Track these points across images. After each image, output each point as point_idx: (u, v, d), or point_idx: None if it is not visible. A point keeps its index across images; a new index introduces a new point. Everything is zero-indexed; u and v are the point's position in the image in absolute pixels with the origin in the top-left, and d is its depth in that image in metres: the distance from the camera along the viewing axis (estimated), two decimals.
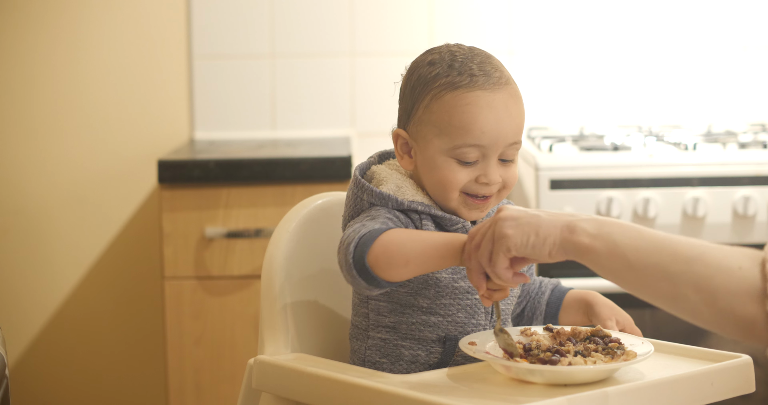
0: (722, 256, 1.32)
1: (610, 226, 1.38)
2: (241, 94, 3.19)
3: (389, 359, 1.59)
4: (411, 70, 1.63)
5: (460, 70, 1.57)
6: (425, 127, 1.58)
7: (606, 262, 1.37)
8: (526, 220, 1.40)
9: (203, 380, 2.69)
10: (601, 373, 1.44)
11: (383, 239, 1.47)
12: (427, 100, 1.58)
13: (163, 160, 2.67)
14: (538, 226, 1.40)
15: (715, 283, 1.30)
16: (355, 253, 1.48)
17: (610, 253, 1.36)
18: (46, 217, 3.15)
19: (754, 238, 2.69)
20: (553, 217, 1.41)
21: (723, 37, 3.26)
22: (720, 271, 1.30)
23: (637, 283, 1.36)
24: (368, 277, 1.48)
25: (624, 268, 1.36)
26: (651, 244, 1.35)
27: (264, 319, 1.68)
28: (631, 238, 1.36)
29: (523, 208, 1.44)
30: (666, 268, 1.33)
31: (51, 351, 3.18)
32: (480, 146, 1.55)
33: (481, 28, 3.21)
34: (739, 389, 1.54)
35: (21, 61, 3.13)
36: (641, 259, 1.34)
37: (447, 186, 1.56)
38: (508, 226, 1.40)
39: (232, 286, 2.68)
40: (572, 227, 1.39)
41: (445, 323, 1.58)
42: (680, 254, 1.33)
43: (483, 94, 1.55)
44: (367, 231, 1.49)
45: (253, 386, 1.61)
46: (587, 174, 2.69)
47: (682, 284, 1.32)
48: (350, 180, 1.63)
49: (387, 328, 1.59)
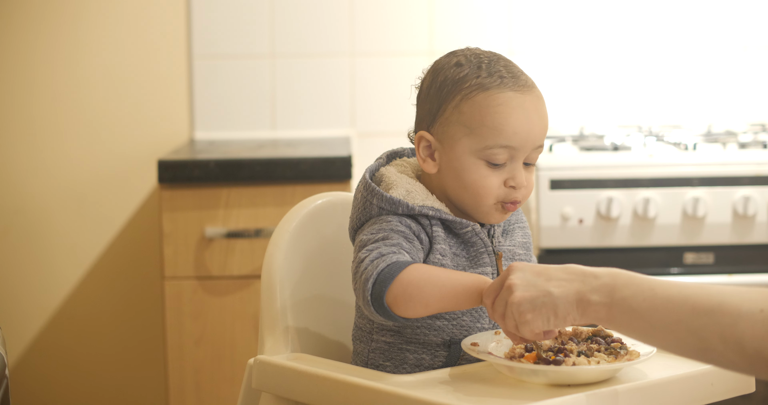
0: (741, 301, 1.30)
1: (622, 290, 1.36)
2: (241, 94, 3.19)
3: (393, 362, 1.59)
4: (434, 72, 1.62)
5: (490, 72, 1.57)
6: (453, 127, 1.57)
7: (628, 328, 1.37)
8: (541, 300, 1.39)
9: (203, 380, 2.69)
10: (605, 373, 1.44)
11: (403, 279, 1.47)
12: (457, 101, 1.57)
13: (163, 160, 2.67)
14: (555, 307, 1.39)
15: (740, 330, 1.28)
16: (374, 291, 1.48)
17: (630, 319, 1.36)
18: (46, 217, 3.15)
19: (754, 238, 2.69)
20: (564, 290, 1.39)
21: (723, 37, 3.26)
22: (741, 317, 1.29)
23: (665, 342, 1.35)
24: (385, 314, 1.49)
25: (647, 330, 1.35)
26: (668, 302, 1.33)
27: (264, 319, 1.68)
28: (645, 299, 1.34)
29: (531, 272, 1.42)
30: (688, 324, 1.32)
31: (51, 351, 3.18)
32: (510, 147, 1.55)
33: (481, 28, 3.21)
34: (739, 389, 1.54)
35: (21, 61, 3.13)
36: (661, 319, 1.33)
37: (480, 192, 1.56)
38: (526, 311, 1.40)
39: (232, 286, 2.68)
40: (585, 303, 1.38)
41: (450, 327, 1.57)
42: (699, 308, 1.31)
43: (514, 95, 1.56)
44: (386, 266, 1.48)
45: (253, 386, 1.61)
46: (587, 174, 2.69)
47: (707, 337, 1.30)
48: (359, 182, 1.61)
49: (391, 331, 1.59)
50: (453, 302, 1.48)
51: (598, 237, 2.68)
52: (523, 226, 1.67)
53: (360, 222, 1.60)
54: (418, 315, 1.49)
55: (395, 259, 1.49)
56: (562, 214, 2.67)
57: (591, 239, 2.68)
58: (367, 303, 1.49)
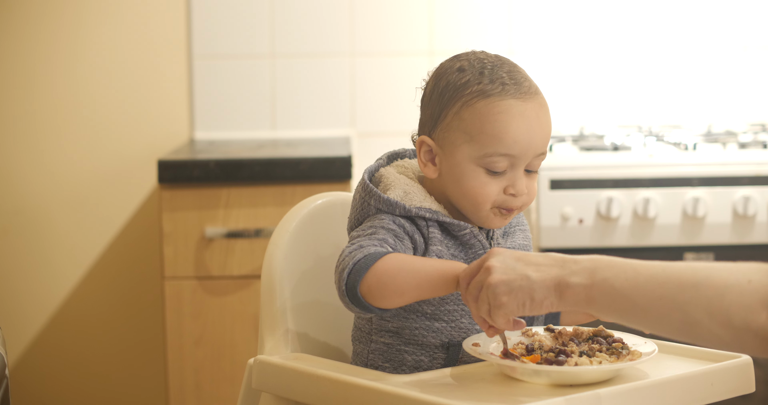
0: (728, 273, 1.28)
1: (604, 271, 1.34)
2: (241, 94, 3.19)
3: (392, 364, 1.59)
4: (437, 76, 1.60)
5: (492, 78, 1.56)
6: (454, 133, 1.56)
7: (610, 308, 1.34)
8: (518, 283, 1.37)
9: (203, 380, 2.69)
10: (607, 373, 1.44)
11: (377, 269, 1.46)
12: (458, 107, 1.56)
13: (163, 160, 2.67)
14: (532, 290, 1.37)
15: (726, 301, 1.26)
16: (348, 281, 1.47)
17: (611, 299, 1.33)
18: (46, 217, 3.15)
19: (754, 238, 2.69)
20: (543, 274, 1.37)
21: (723, 37, 3.26)
22: (728, 288, 1.27)
23: (648, 320, 1.32)
24: (360, 305, 1.48)
25: (629, 308, 1.32)
26: (651, 279, 1.31)
27: (264, 319, 1.68)
28: (628, 278, 1.33)
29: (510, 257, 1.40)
30: (673, 298, 1.29)
31: (51, 351, 3.18)
32: (510, 156, 1.54)
33: (481, 28, 3.21)
34: (739, 389, 1.54)
35: (21, 61, 3.13)
36: (645, 295, 1.31)
37: (478, 199, 1.55)
38: (502, 293, 1.38)
39: (232, 286, 2.68)
40: (564, 285, 1.36)
41: (448, 329, 1.57)
42: (685, 282, 1.29)
43: (515, 103, 1.55)
44: (363, 256, 1.48)
45: (253, 386, 1.61)
46: (587, 174, 2.69)
47: (693, 311, 1.28)
48: (358, 182, 1.61)
49: (390, 332, 1.58)
50: (428, 288, 1.47)
51: (598, 237, 2.68)
52: (524, 228, 1.67)
53: (357, 222, 1.60)
54: (395, 304, 1.48)
55: (373, 251, 1.49)
56: (562, 214, 2.67)
57: (591, 239, 2.68)
58: (343, 294, 1.48)
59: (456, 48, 3.21)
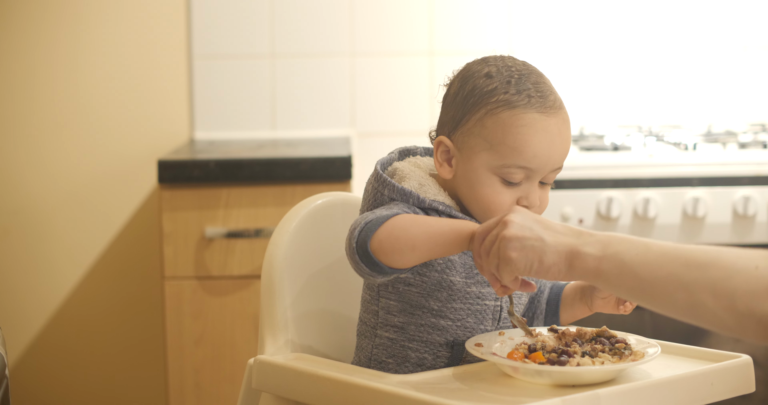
0: (736, 257, 1.29)
1: (617, 245, 1.35)
2: (241, 94, 3.19)
3: (395, 360, 1.59)
4: (463, 78, 1.59)
5: (518, 89, 1.55)
6: (474, 139, 1.56)
7: (617, 282, 1.34)
8: (531, 243, 1.38)
9: (203, 380, 2.69)
10: (609, 374, 1.44)
11: (389, 224, 1.46)
12: (481, 114, 1.55)
13: (163, 160, 2.67)
14: (543, 253, 1.38)
15: (732, 284, 1.26)
16: (359, 238, 1.47)
17: (620, 272, 1.34)
18: (46, 217, 3.15)
19: (754, 238, 2.69)
20: (557, 240, 1.38)
21: (723, 37, 3.26)
22: (736, 272, 1.27)
23: (653, 298, 1.32)
24: (371, 263, 1.47)
25: (636, 284, 1.33)
26: (661, 256, 1.32)
27: (264, 319, 1.68)
28: (638, 253, 1.33)
29: (530, 218, 1.41)
30: (680, 277, 1.30)
31: (51, 351, 3.18)
32: (528, 169, 1.54)
33: (481, 28, 3.21)
34: (739, 389, 1.54)
35: (21, 61, 3.13)
36: (652, 272, 1.31)
37: (491, 208, 1.55)
38: (513, 248, 1.38)
39: (232, 286, 2.68)
40: (575, 253, 1.36)
41: (454, 328, 1.57)
42: (693, 261, 1.30)
43: (539, 117, 1.54)
44: (374, 217, 1.48)
45: (253, 386, 1.61)
46: (587, 174, 2.69)
47: (698, 291, 1.28)
48: (371, 174, 1.61)
49: (395, 327, 1.58)
50: (441, 243, 1.46)
51: None
52: None
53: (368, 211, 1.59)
54: (406, 261, 1.47)
55: (385, 213, 1.49)
56: (562, 214, 2.67)
57: None
58: (353, 251, 1.47)
59: (456, 48, 3.22)
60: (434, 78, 3.21)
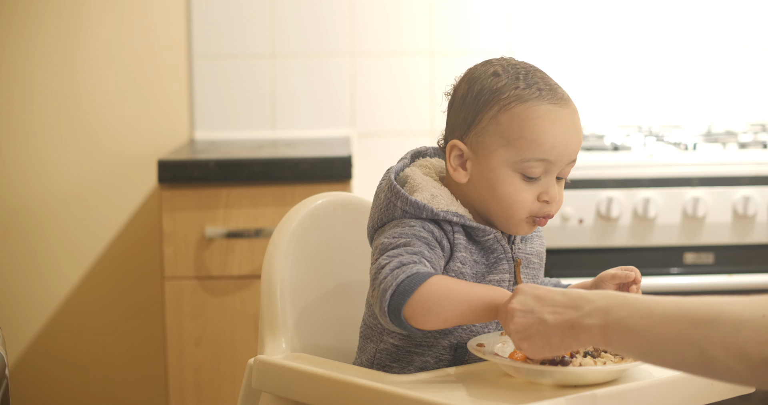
0: (742, 308, 1.27)
1: (618, 311, 1.34)
2: (241, 94, 3.19)
3: (399, 364, 1.58)
4: (470, 81, 1.59)
5: (528, 83, 1.55)
6: (490, 137, 1.55)
7: (626, 349, 1.34)
8: (535, 329, 1.39)
9: (203, 380, 2.69)
10: (611, 374, 1.44)
11: (422, 293, 1.45)
12: (495, 111, 1.55)
13: (163, 160, 2.67)
14: (548, 335, 1.38)
15: (743, 337, 1.25)
16: (392, 302, 1.46)
17: (627, 339, 1.34)
18: (46, 217, 3.15)
19: (754, 238, 2.69)
20: (558, 317, 1.38)
21: (723, 37, 3.26)
22: (744, 323, 1.26)
23: (664, 359, 1.32)
24: (401, 325, 1.48)
25: (646, 348, 1.33)
26: (665, 318, 1.31)
27: (264, 319, 1.68)
28: (642, 317, 1.32)
29: (531, 296, 1.41)
30: (688, 336, 1.29)
31: (51, 351, 3.18)
32: (547, 161, 1.54)
33: (481, 28, 3.21)
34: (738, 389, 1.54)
35: (21, 61, 3.13)
36: (660, 335, 1.31)
37: (514, 205, 1.54)
38: (521, 339, 1.40)
39: (232, 286, 2.68)
40: (579, 328, 1.36)
41: (459, 331, 1.57)
42: (699, 319, 1.29)
43: (553, 108, 1.55)
44: (406, 277, 1.46)
45: (253, 386, 1.61)
46: (587, 174, 2.69)
47: (709, 348, 1.27)
48: (383, 181, 1.59)
49: (402, 335, 1.58)
50: (471, 317, 1.47)
51: (598, 237, 2.68)
52: (540, 235, 1.66)
53: (381, 222, 1.58)
54: (435, 327, 1.48)
55: (416, 271, 1.47)
56: (562, 214, 2.67)
57: (591, 239, 2.68)
58: (384, 314, 1.47)
59: (456, 48, 3.22)
60: (434, 78, 3.21)
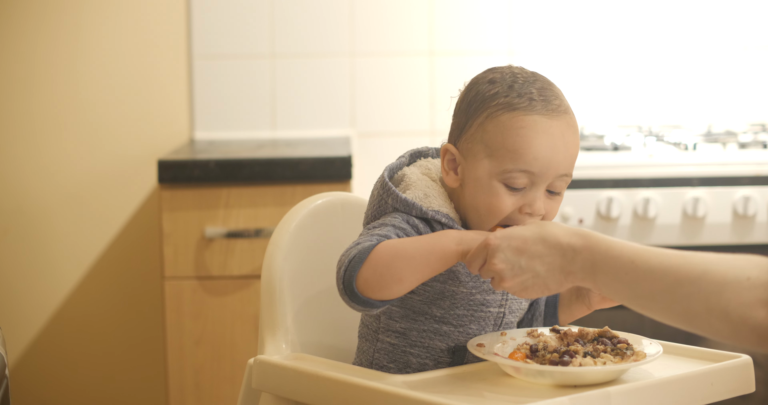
0: (726, 268, 1.30)
1: (602, 267, 1.37)
2: (241, 94, 3.19)
3: (397, 365, 1.58)
4: (470, 85, 1.58)
5: (520, 92, 1.52)
6: (477, 145, 1.53)
7: (615, 297, 1.39)
8: (531, 281, 1.42)
9: (203, 380, 2.69)
10: (611, 374, 1.44)
11: (371, 261, 1.44)
12: (482, 118, 1.53)
13: (163, 160, 2.67)
14: (546, 284, 1.42)
15: (725, 297, 1.28)
16: (345, 278, 1.46)
17: (616, 290, 1.37)
18: (46, 217, 3.15)
19: (754, 238, 2.69)
20: (549, 267, 1.41)
21: (723, 37, 3.26)
22: (727, 285, 1.29)
23: (650, 310, 1.35)
24: (361, 301, 1.46)
25: (633, 298, 1.36)
26: (649, 274, 1.34)
27: (264, 319, 1.68)
28: (627, 273, 1.36)
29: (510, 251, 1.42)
30: (673, 293, 1.31)
31: (51, 351, 3.18)
32: (530, 173, 1.51)
33: (481, 28, 3.21)
34: (739, 389, 1.54)
35: (20, 61, 3.13)
36: (646, 288, 1.34)
37: (492, 212, 1.52)
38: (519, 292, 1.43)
39: (232, 286, 2.68)
40: (573, 276, 1.40)
41: (456, 334, 1.56)
42: (683, 277, 1.31)
43: (540, 119, 1.51)
44: (357, 251, 1.46)
45: (253, 386, 1.61)
46: (587, 174, 2.69)
47: (692, 304, 1.30)
48: (378, 179, 1.59)
49: (397, 333, 1.58)
50: (427, 271, 1.46)
51: None
52: None
53: (373, 218, 1.58)
54: (397, 293, 1.46)
55: (367, 245, 1.46)
56: (562, 214, 2.67)
57: None
58: (342, 292, 1.47)
59: (456, 48, 3.22)
60: (434, 78, 3.21)
